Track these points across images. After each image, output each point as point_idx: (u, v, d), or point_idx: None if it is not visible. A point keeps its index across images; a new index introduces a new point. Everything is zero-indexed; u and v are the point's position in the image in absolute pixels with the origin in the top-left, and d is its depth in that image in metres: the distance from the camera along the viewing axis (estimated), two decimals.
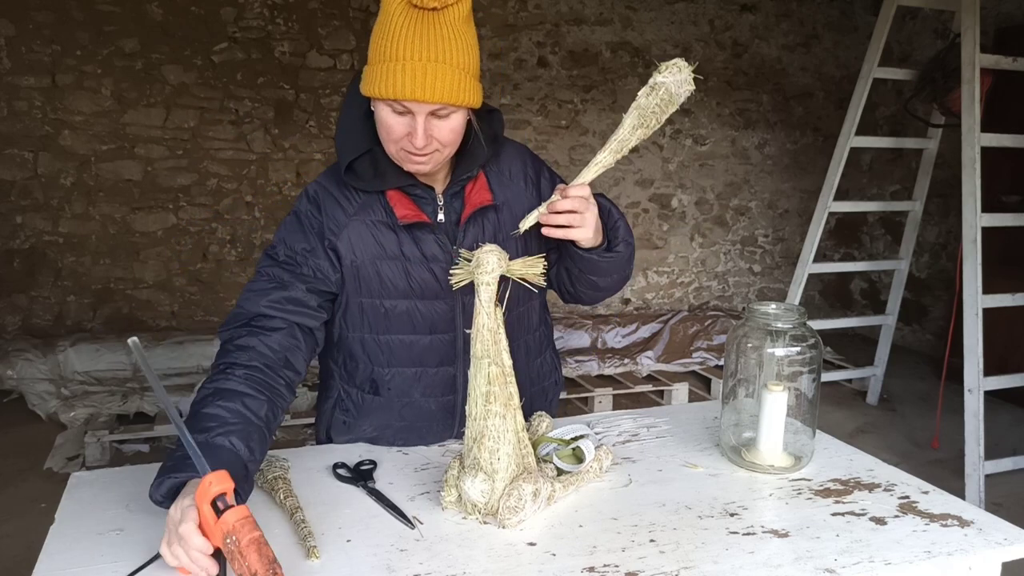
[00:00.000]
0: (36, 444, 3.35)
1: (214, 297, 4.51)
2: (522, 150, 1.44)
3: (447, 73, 1.13)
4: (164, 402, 0.98)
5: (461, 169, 1.32)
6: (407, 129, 1.18)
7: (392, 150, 1.23)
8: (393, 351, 1.35)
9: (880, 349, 4.27)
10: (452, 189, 1.33)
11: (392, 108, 1.17)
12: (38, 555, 0.99)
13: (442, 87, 1.13)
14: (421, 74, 1.12)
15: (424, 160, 1.22)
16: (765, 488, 1.22)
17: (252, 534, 0.87)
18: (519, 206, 1.35)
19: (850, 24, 5.65)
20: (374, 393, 1.38)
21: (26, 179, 4.11)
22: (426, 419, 1.39)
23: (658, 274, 5.57)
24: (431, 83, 1.12)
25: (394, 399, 1.38)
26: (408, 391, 1.37)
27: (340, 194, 1.31)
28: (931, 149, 4.02)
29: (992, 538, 1.08)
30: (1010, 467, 3.19)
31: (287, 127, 4.48)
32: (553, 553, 1.02)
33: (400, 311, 1.32)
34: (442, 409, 1.38)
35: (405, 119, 1.17)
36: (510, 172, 1.39)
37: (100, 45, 4.10)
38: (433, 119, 1.18)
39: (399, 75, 1.12)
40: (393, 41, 1.12)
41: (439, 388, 1.37)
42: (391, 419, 1.39)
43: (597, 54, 5.07)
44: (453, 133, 1.21)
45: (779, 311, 1.27)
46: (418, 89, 1.12)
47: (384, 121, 1.19)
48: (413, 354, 1.35)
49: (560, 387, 1.59)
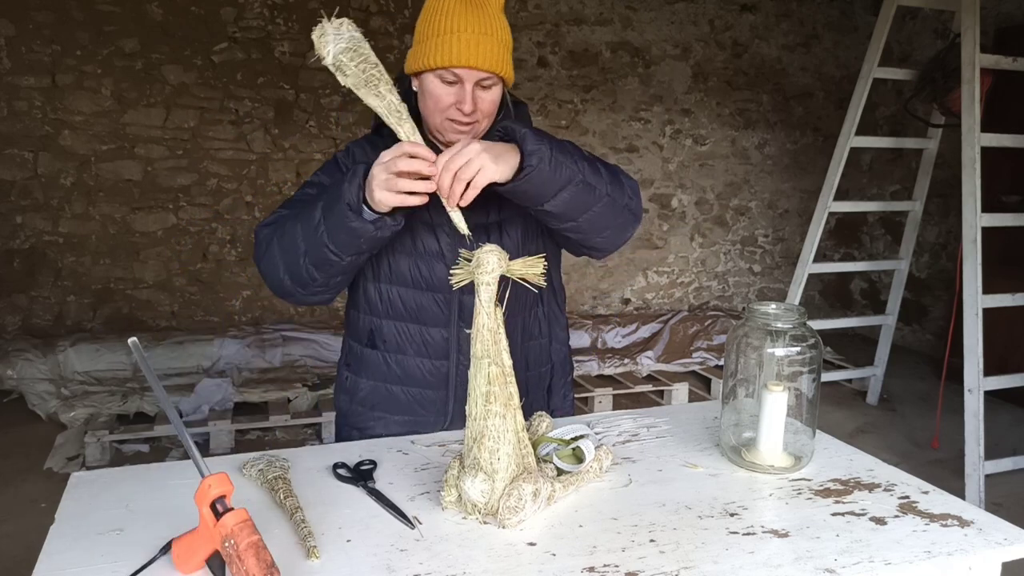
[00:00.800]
0: (36, 444, 3.35)
1: (214, 297, 4.51)
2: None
3: (494, 45, 1.26)
4: (164, 402, 0.97)
5: None
6: (455, 98, 1.27)
7: (437, 120, 1.31)
8: (392, 303, 1.41)
9: (880, 349, 4.27)
10: None
11: (442, 78, 1.27)
12: (38, 555, 0.99)
13: (491, 56, 1.25)
14: (474, 44, 1.24)
15: (468, 130, 1.30)
16: (765, 488, 1.22)
17: (251, 538, 0.86)
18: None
19: (850, 24, 5.65)
20: (371, 346, 1.44)
21: (26, 179, 4.11)
22: (418, 383, 1.42)
23: (658, 274, 5.57)
24: (483, 52, 1.24)
25: (389, 355, 1.43)
26: (403, 347, 1.41)
27: (372, 154, 1.38)
28: (931, 149, 4.02)
29: (992, 538, 1.08)
30: (1010, 467, 3.20)
31: (287, 127, 4.48)
32: (553, 553, 1.02)
33: (402, 267, 1.38)
34: (435, 374, 1.42)
35: (454, 88, 1.27)
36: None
37: (100, 45, 4.10)
38: (478, 89, 1.28)
39: (454, 45, 1.23)
40: (446, 17, 1.25)
41: (433, 350, 1.41)
42: (387, 378, 1.43)
43: (597, 54, 5.07)
44: (494, 104, 1.32)
45: (779, 311, 1.27)
46: (473, 56, 1.24)
47: (433, 92, 1.28)
48: (408, 310, 1.40)
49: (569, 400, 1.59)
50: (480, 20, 1.25)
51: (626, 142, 5.28)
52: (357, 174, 1.21)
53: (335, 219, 1.22)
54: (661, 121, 5.34)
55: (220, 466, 1.19)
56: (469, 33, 1.24)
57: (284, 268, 1.32)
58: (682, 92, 5.35)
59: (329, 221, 1.23)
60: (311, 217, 1.26)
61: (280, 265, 1.32)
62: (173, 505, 1.10)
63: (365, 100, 1.21)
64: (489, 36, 1.25)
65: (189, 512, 0.94)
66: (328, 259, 1.27)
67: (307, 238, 1.26)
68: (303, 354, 4.19)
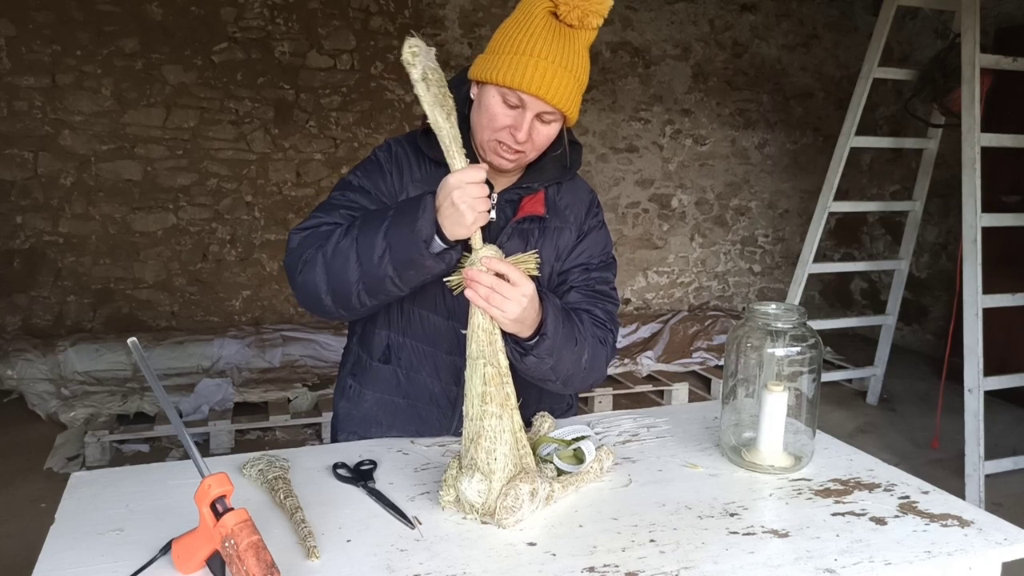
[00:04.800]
0: (36, 444, 3.35)
1: (214, 297, 4.51)
2: (591, 197, 1.47)
3: (569, 81, 1.20)
4: (164, 402, 0.97)
5: (527, 179, 1.35)
6: (512, 122, 1.22)
7: (486, 137, 1.26)
8: (411, 323, 1.38)
9: (880, 349, 4.27)
10: (508, 195, 1.35)
11: (505, 98, 1.21)
12: (38, 555, 0.99)
13: (563, 92, 1.20)
14: (551, 75, 1.18)
15: (514, 158, 1.26)
16: (765, 488, 1.22)
17: (251, 538, 0.86)
18: (561, 241, 1.39)
19: (850, 24, 5.65)
20: (385, 361, 1.41)
21: (26, 179, 4.11)
22: (426, 402, 1.41)
23: (658, 274, 5.57)
24: (557, 85, 1.19)
25: (402, 372, 1.40)
26: (417, 367, 1.40)
27: (413, 158, 1.37)
28: (931, 149, 4.02)
29: (992, 538, 1.08)
30: (1010, 467, 3.19)
31: (287, 127, 4.48)
32: (553, 553, 1.02)
33: (430, 291, 1.34)
34: (444, 396, 1.40)
35: (514, 112, 1.22)
36: (568, 208, 1.41)
37: (100, 45, 4.10)
38: (538, 121, 1.23)
39: (530, 69, 1.18)
40: (531, 38, 1.19)
41: (445, 374, 1.39)
42: (394, 394, 1.42)
43: (597, 54, 5.07)
44: (548, 140, 1.27)
45: (779, 311, 1.27)
46: (545, 87, 1.18)
47: (491, 109, 1.23)
48: (428, 332, 1.38)
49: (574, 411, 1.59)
50: (563, 52, 1.19)
51: (626, 142, 5.28)
52: (428, 207, 1.15)
53: (404, 253, 1.17)
54: (661, 121, 5.34)
55: (220, 466, 1.19)
56: (548, 62, 1.18)
57: (328, 289, 1.25)
58: (682, 92, 5.35)
59: (397, 254, 1.17)
60: (371, 245, 1.19)
61: (323, 285, 1.25)
62: (173, 505, 1.10)
63: (433, 121, 1.14)
64: (567, 71, 1.19)
65: (189, 512, 0.94)
66: (387, 289, 1.22)
67: (366, 266, 1.20)
68: (303, 354, 4.19)
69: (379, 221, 1.21)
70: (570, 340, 1.25)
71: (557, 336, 1.21)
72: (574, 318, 1.28)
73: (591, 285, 1.40)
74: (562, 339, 1.23)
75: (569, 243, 1.40)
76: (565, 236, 1.40)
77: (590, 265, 1.41)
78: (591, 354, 1.30)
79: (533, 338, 1.20)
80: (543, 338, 1.20)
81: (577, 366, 1.28)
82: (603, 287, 1.41)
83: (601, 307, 1.38)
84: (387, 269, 1.19)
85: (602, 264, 1.43)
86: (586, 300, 1.37)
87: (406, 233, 1.16)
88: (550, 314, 1.20)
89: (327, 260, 1.23)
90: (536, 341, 1.20)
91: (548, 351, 1.21)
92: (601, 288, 1.41)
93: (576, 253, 1.41)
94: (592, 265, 1.41)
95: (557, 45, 1.19)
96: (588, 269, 1.41)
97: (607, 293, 1.41)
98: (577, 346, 1.26)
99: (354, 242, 1.21)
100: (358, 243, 1.21)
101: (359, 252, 1.20)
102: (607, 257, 1.45)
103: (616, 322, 1.41)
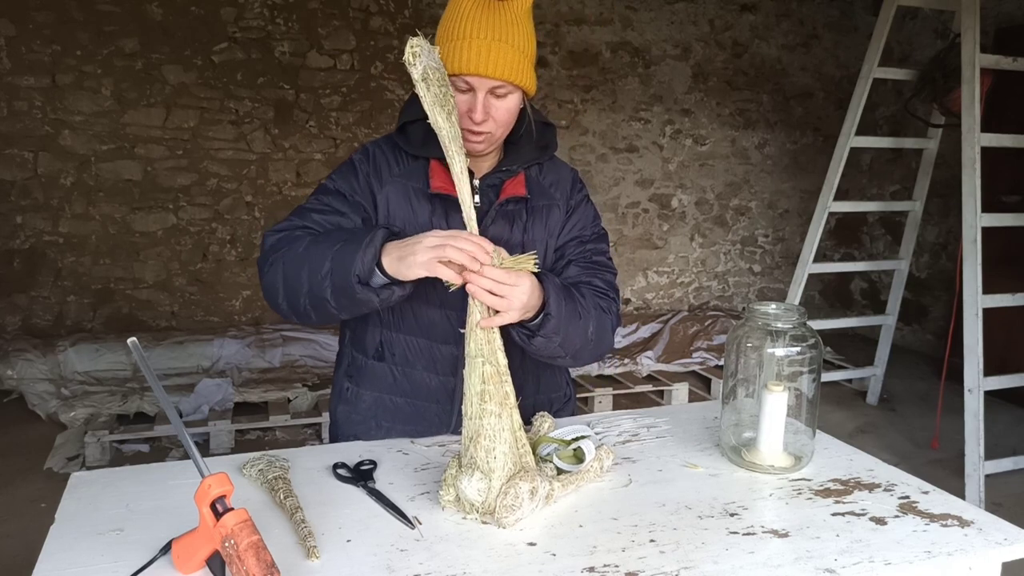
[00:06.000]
0: (36, 444, 3.35)
1: (214, 297, 4.51)
2: (573, 175, 1.50)
3: (508, 52, 1.22)
4: (164, 402, 0.97)
5: (506, 161, 1.38)
6: (468, 106, 1.25)
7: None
8: (404, 318, 1.39)
9: (880, 349, 4.27)
10: (490, 180, 1.38)
11: (456, 85, 1.24)
12: (38, 555, 0.99)
13: (503, 64, 1.22)
14: (485, 51, 1.21)
15: (480, 139, 1.29)
16: (765, 488, 1.22)
17: (251, 538, 0.86)
18: (551, 219, 1.42)
19: (850, 24, 5.65)
20: (378, 359, 1.42)
21: (26, 179, 4.11)
22: (424, 398, 1.41)
23: (658, 274, 5.57)
24: (494, 60, 1.21)
25: (397, 369, 1.41)
26: (412, 362, 1.40)
27: (391, 155, 1.39)
28: (931, 149, 4.02)
29: (992, 538, 1.08)
30: (1010, 467, 3.20)
31: (287, 127, 4.48)
32: (553, 553, 1.02)
33: (420, 281, 1.33)
34: (442, 389, 1.40)
35: (467, 96, 1.25)
36: (553, 186, 1.44)
37: (100, 45, 4.10)
38: (492, 97, 1.26)
39: (464, 52, 1.21)
40: (460, 22, 1.23)
41: (441, 366, 1.40)
42: (391, 392, 1.42)
43: (597, 54, 5.07)
44: (508, 113, 1.29)
45: (779, 311, 1.27)
46: (481, 64, 1.21)
47: None
48: (421, 325, 1.38)
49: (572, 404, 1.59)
50: (495, 26, 1.22)
51: (626, 142, 5.28)
52: (373, 243, 1.17)
53: (341, 282, 1.19)
54: (661, 121, 5.34)
55: (220, 466, 1.19)
56: (481, 39, 1.21)
57: (284, 295, 1.28)
58: (682, 92, 5.35)
59: (336, 278, 1.19)
60: (320, 263, 1.21)
61: (280, 291, 1.28)
62: (173, 505, 1.10)
63: (433, 121, 1.16)
64: (504, 43, 1.21)
65: (189, 512, 0.94)
66: (328, 310, 1.25)
67: (311, 281, 1.22)
68: (303, 354, 4.20)
69: (334, 241, 1.23)
70: (574, 315, 1.27)
71: (561, 313, 1.24)
72: (575, 292, 1.31)
73: (588, 256, 1.43)
74: (566, 316, 1.25)
75: (559, 220, 1.43)
76: (555, 214, 1.43)
77: (584, 237, 1.45)
78: (596, 324, 1.33)
79: (537, 318, 1.23)
80: (548, 318, 1.22)
81: (584, 338, 1.31)
82: (599, 257, 1.45)
83: (600, 277, 1.41)
84: (326, 291, 1.21)
85: (595, 236, 1.46)
86: (585, 272, 1.41)
87: (346, 264, 1.18)
88: (551, 293, 1.23)
89: (285, 266, 1.27)
90: (541, 320, 1.23)
91: (555, 329, 1.24)
92: (598, 259, 1.44)
93: (568, 228, 1.44)
94: (586, 237, 1.45)
95: (488, 21, 1.22)
96: (583, 241, 1.44)
97: (604, 263, 1.45)
98: (582, 320, 1.29)
99: (308, 255, 1.24)
100: (311, 257, 1.23)
101: (310, 266, 1.23)
102: (598, 229, 1.48)
103: (617, 290, 1.44)
